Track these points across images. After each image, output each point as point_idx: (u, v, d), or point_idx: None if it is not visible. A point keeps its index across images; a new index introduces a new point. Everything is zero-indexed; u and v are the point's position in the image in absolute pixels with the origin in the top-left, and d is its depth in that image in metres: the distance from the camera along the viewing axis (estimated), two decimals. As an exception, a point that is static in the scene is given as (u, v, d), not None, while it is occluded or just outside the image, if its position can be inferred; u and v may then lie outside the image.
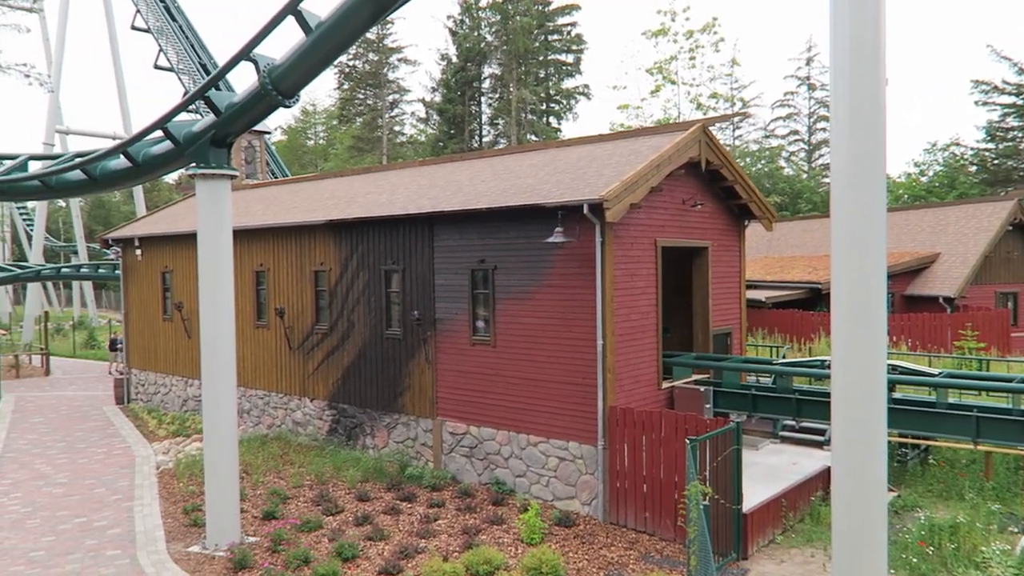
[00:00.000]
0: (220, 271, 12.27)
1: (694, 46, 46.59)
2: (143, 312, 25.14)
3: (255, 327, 20.35)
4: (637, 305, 13.89)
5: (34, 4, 44.24)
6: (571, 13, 57.96)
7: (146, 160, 12.91)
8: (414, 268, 16.24)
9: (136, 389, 25.76)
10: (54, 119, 46.69)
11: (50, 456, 18.68)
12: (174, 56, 40.92)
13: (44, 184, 14.45)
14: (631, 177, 12.90)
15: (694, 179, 15.61)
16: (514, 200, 14.01)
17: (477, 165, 18.39)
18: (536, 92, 56.22)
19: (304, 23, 10.29)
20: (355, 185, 20.92)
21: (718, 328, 16.77)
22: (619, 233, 13.41)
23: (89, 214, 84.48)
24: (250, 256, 20.20)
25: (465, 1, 57.35)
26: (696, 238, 15.87)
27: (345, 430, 18.01)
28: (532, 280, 14.07)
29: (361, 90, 66.05)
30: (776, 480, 13.17)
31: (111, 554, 12.02)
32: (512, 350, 14.47)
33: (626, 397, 13.50)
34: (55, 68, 47.54)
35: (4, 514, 14.17)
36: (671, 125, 15.90)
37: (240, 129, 12.06)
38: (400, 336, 16.60)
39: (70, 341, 45.00)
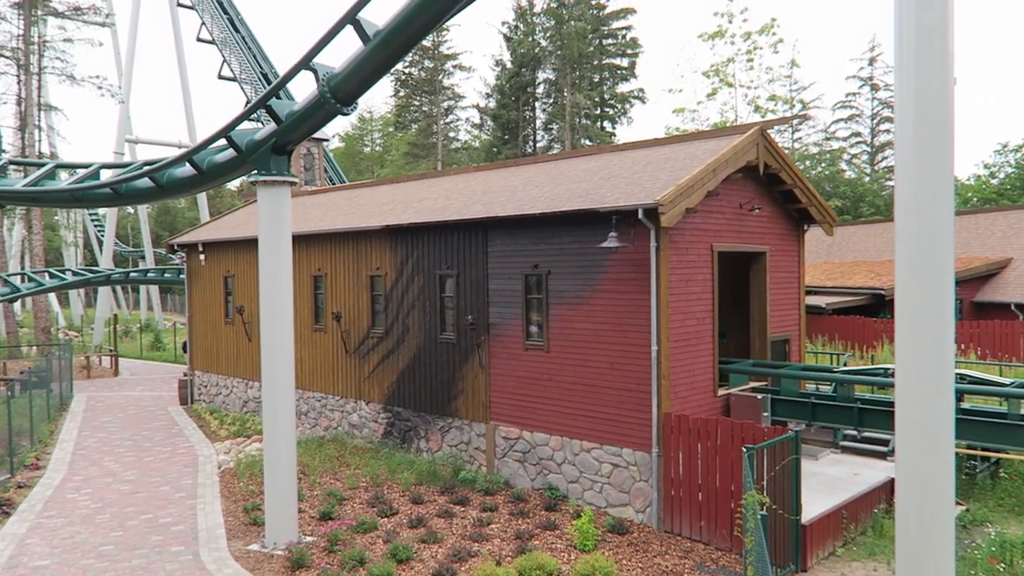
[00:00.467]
0: (280, 275, 12.55)
1: (752, 48, 45.87)
2: (206, 315, 25.89)
3: (313, 330, 20.76)
4: (693, 311, 13.72)
5: (106, 19, 46.05)
6: (626, 17, 57.66)
7: (210, 168, 13.31)
8: (468, 273, 16.35)
9: (199, 390, 26.51)
10: (124, 129, 48.51)
11: (118, 454, 19.36)
12: (237, 66, 42.11)
13: (115, 192, 15.01)
14: (687, 181, 12.76)
15: (752, 183, 15.36)
16: (568, 205, 13.99)
17: (531, 170, 18.43)
18: (590, 96, 56.06)
19: (362, 32, 10.47)
20: (410, 191, 21.18)
21: (776, 335, 16.44)
22: (674, 238, 13.27)
23: (156, 220, 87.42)
24: (308, 261, 20.63)
25: (520, 7, 57.58)
26: (754, 243, 15.59)
27: (400, 433, 18.22)
28: (586, 285, 14.02)
29: (417, 97, 66.86)
30: (837, 491, 12.83)
31: (175, 550, 12.39)
32: (565, 355, 14.44)
33: (681, 404, 13.34)
34: (125, 80, 49.41)
35: (76, 509, 14.74)
36: (728, 128, 15.66)
37: (300, 137, 12.34)
38: (454, 340, 16.72)
39: (137, 343, 46.61)
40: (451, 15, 10.19)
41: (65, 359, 28.79)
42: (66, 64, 41.98)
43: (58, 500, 15.38)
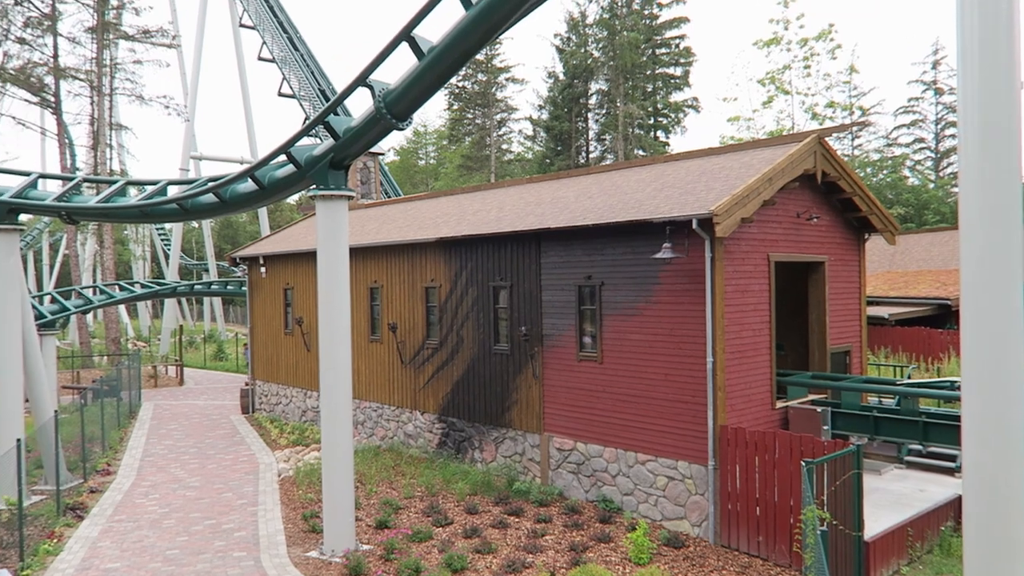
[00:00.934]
0: (338, 287, 12.82)
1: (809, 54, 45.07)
2: (267, 326, 26.55)
3: (369, 341, 21.10)
4: (749, 322, 13.52)
5: (173, 40, 47.85)
6: (679, 26, 57.31)
7: (271, 183, 13.69)
8: (521, 284, 16.43)
9: (260, 399, 27.17)
10: (189, 146, 50.21)
11: (183, 461, 19.97)
12: (296, 84, 43.23)
13: (181, 207, 15.55)
14: (742, 191, 12.62)
15: (809, 192, 15.09)
16: (621, 216, 13.96)
17: (584, 181, 18.45)
18: (643, 106, 55.80)
19: (417, 48, 10.68)
20: (464, 203, 21.41)
21: (836, 346, 16.08)
22: (730, 248, 13.12)
23: (219, 234, 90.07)
24: (365, 273, 21.00)
25: (572, 18, 57.75)
26: (812, 252, 15.31)
27: (454, 443, 18.36)
28: (640, 296, 13.95)
29: (470, 110, 67.53)
30: (901, 507, 12.46)
31: (237, 555, 12.71)
32: (619, 366, 14.37)
33: (737, 416, 13.14)
34: (190, 99, 51.17)
35: (144, 514, 15.25)
36: (785, 137, 15.44)
37: (357, 152, 12.62)
38: (507, 351, 16.80)
39: (201, 353, 48.00)
40: (503, 30, 10.33)
41: (134, 369, 29.86)
42: (135, 85, 43.76)
43: (128, 505, 15.93)
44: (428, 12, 10.38)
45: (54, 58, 39.94)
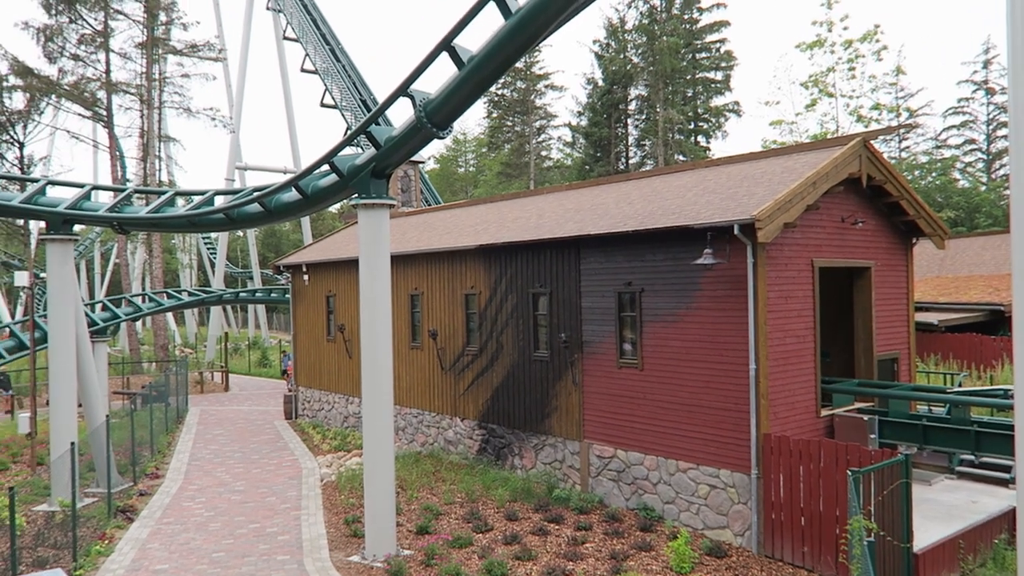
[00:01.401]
0: (379, 295, 12.97)
1: (853, 56, 44.29)
2: (309, 333, 26.94)
3: (410, 348, 21.27)
4: (792, 328, 13.32)
5: (219, 54, 48.97)
6: (720, 30, 56.80)
7: (314, 192, 13.92)
8: (561, 291, 16.43)
9: (303, 405, 27.56)
10: (234, 156, 51.28)
11: (229, 465, 20.35)
12: (338, 94, 43.88)
13: (227, 217, 15.91)
14: (785, 195, 12.45)
15: (854, 196, 14.83)
16: (661, 222, 13.88)
17: (624, 187, 18.39)
18: (683, 111, 55.38)
19: (457, 58, 10.78)
20: (504, 210, 21.49)
21: (883, 353, 15.74)
22: (772, 254, 12.96)
23: (263, 242, 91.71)
24: (405, 280, 21.19)
25: (611, 24, 57.64)
26: (857, 257, 15.03)
27: (494, 450, 18.40)
28: (680, 303, 13.85)
29: (509, 118, 67.76)
30: (952, 519, 12.13)
31: (281, 559, 12.90)
32: (660, 373, 14.27)
33: (781, 424, 12.94)
34: (236, 111, 52.28)
35: (191, 517, 15.57)
36: (828, 140, 15.21)
37: (398, 161, 12.77)
38: (547, 358, 16.79)
39: (246, 360, 48.88)
40: (543, 38, 10.37)
41: (181, 375, 30.54)
42: (183, 98, 44.85)
43: (175, 508, 16.29)
44: (468, 22, 10.48)
45: (106, 73, 41.16)
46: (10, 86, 33.29)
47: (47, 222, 17.18)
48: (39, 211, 17.02)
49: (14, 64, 35.13)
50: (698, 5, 56.06)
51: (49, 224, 17.14)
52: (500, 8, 10.14)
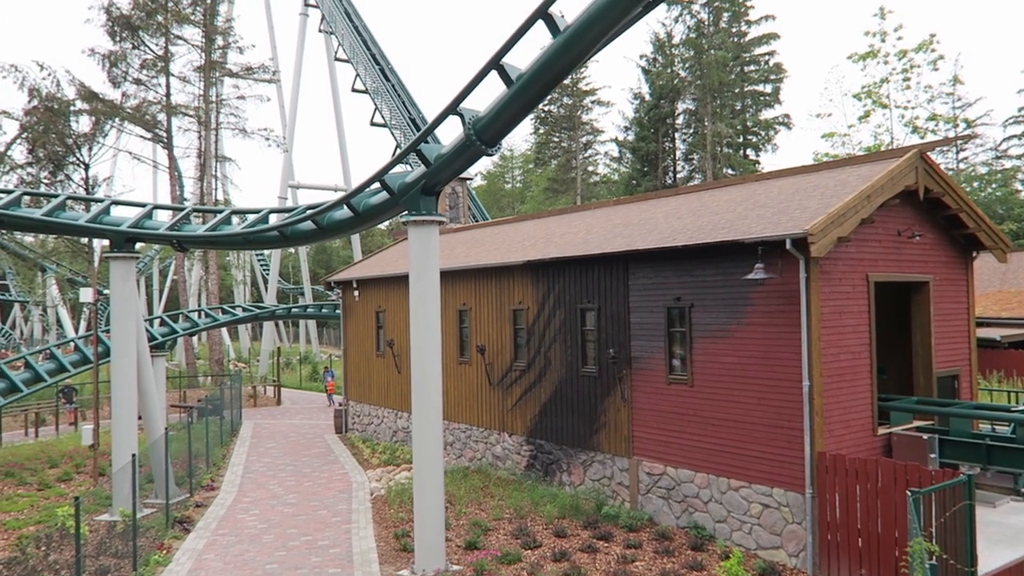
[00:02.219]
0: (429, 310, 13.11)
1: (908, 66, 43.34)
2: (359, 348, 27.31)
3: (458, 363, 21.40)
4: (847, 344, 13.04)
5: (273, 76, 50.28)
6: (769, 43, 56.20)
7: (366, 210, 14.18)
8: (609, 306, 16.37)
9: (352, 420, 27.90)
10: (287, 175, 52.47)
11: (281, 478, 20.70)
12: (388, 113, 44.63)
13: (281, 234, 16.29)
14: (838, 209, 12.25)
15: (911, 208, 14.50)
16: (711, 237, 13.77)
17: (672, 202, 18.29)
18: (732, 125, 54.84)
19: (506, 76, 10.91)
20: (551, 226, 21.55)
21: (942, 370, 15.28)
22: (826, 268, 12.73)
23: (313, 259, 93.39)
24: (454, 295, 21.36)
25: (658, 39, 57.50)
26: (915, 272, 14.66)
27: (542, 466, 18.35)
28: (731, 318, 13.68)
29: (556, 134, 67.98)
30: (1019, 542, 11.68)
31: (332, 572, 13.06)
32: (710, 390, 14.10)
33: (836, 442, 12.65)
34: (289, 130, 53.54)
35: (245, 528, 15.88)
36: (883, 152, 14.92)
37: (448, 178, 12.94)
38: (595, 374, 16.73)
39: (297, 374, 49.70)
40: (591, 55, 10.44)
41: (235, 389, 31.20)
42: (239, 119, 46.07)
43: (230, 519, 16.63)
44: (517, 40, 10.60)
45: (166, 96, 42.61)
46: (77, 110, 34.66)
47: (111, 240, 17.81)
48: (104, 230, 17.67)
49: (81, 89, 36.58)
50: (746, 18, 55.63)
51: (113, 242, 17.77)
52: (548, 26, 10.24)
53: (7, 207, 17.37)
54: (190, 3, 42.94)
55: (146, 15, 41.04)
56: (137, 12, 40.81)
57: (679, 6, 54.59)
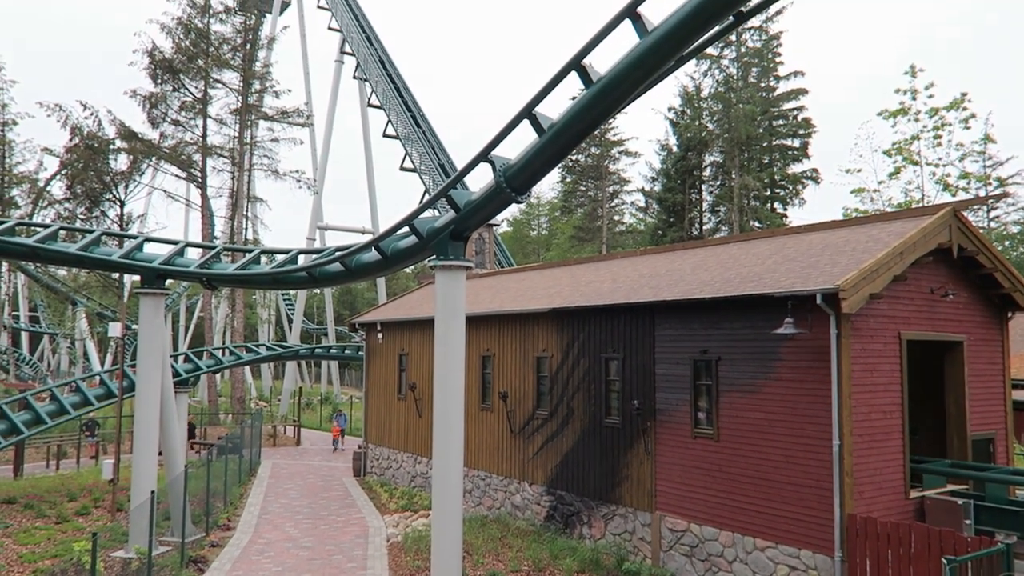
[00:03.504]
0: (454, 355, 13.05)
1: (939, 124, 43.24)
2: (381, 391, 27.23)
3: (480, 409, 21.24)
4: (878, 403, 12.75)
5: (307, 120, 51.38)
6: (797, 98, 56.46)
7: (394, 253, 14.25)
8: (634, 357, 16.21)
9: (371, 463, 27.69)
10: (316, 217, 53.21)
11: (297, 520, 20.49)
12: (417, 158, 45.31)
13: (310, 275, 16.41)
14: (870, 265, 12.10)
15: (944, 267, 14.29)
16: (739, 289, 13.65)
17: (700, 254, 18.21)
18: (759, 178, 54.84)
19: (538, 125, 11.02)
20: (577, 274, 21.52)
21: (977, 433, 14.86)
22: (857, 325, 12.53)
23: (338, 300, 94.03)
24: (478, 341, 21.30)
25: (686, 92, 58.05)
26: (948, 331, 14.38)
27: (562, 517, 18.01)
28: (759, 373, 13.46)
29: (583, 182, 68.44)
30: (1061, 618, 11.16)
31: (346, 619, 12.81)
32: (737, 445, 13.81)
33: (867, 505, 12.28)
34: (319, 173, 54.47)
35: (260, 571, 15.67)
36: (915, 210, 14.80)
37: (476, 224, 12.99)
38: (619, 425, 16.49)
39: (317, 415, 49.63)
40: (622, 107, 10.52)
41: (256, 427, 31.19)
42: (271, 161, 46.98)
43: (244, 561, 16.43)
44: (549, 91, 10.72)
45: (203, 137, 43.64)
46: (116, 148, 35.58)
47: (142, 276, 18.06)
48: (136, 266, 17.92)
49: (121, 128, 37.61)
50: (775, 74, 56.05)
51: (144, 278, 18.01)
52: (581, 77, 10.36)
53: (43, 241, 17.72)
54: (230, 49, 44.24)
55: (187, 59, 42.32)
56: (179, 56, 42.10)
57: (708, 60, 55.22)
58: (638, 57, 9.59)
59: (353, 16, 53.33)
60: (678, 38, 9.20)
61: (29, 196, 49.59)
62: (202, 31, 42.83)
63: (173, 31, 42.11)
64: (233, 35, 44.58)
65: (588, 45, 10.03)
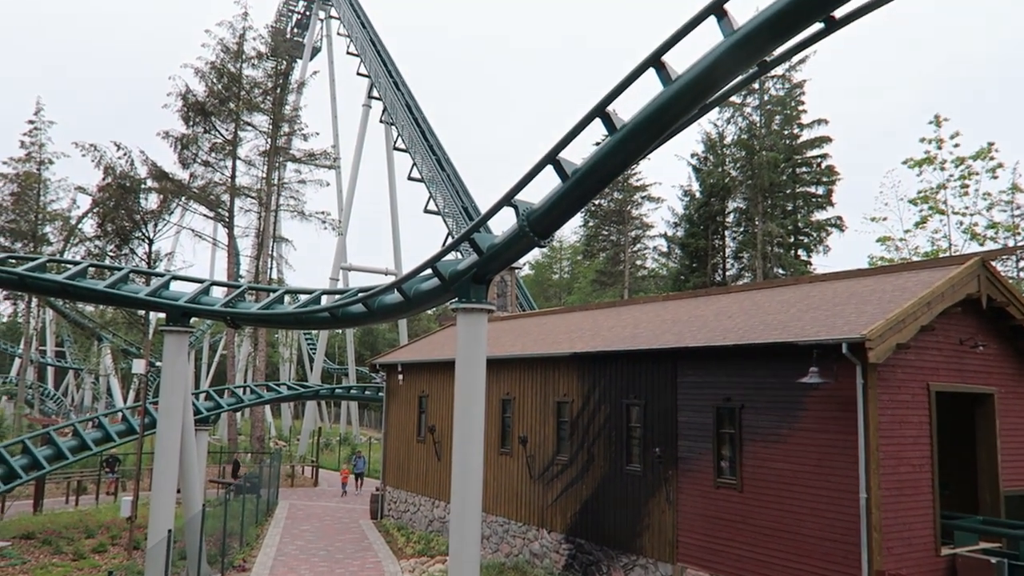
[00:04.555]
0: (474, 399, 12.97)
1: (966, 173, 42.99)
2: (400, 433, 27.10)
3: (499, 453, 21.03)
4: (907, 456, 12.46)
5: (334, 162, 52.24)
6: (821, 146, 56.55)
7: (416, 295, 14.30)
8: (656, 403, 16.03)
9: (389, 505, 27.42)
10: (340, 258, 53.71)
11: (313, 563, 20.27)
12: (441, 201, 45.77)
13: (332, 315, 16.49)
14: (897, 314, 11.94)
15: (973, 317, 14.06)
16: (763, 337, 13.51)
17: (723, 300, 18.09)
18: (783, 225, 54.67)
19: (561, 170, 11.10)
20: (599, 319, 21.44)
21: (1011, 489, 14.43)
22: (884, 375, 12.32)
23: (360, 340, 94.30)
24: (498, 384, 21.19)
25: (709, 139, 58.37)
26: (978, 383, 14.08)
27: (581, 566, 17.65)
28: (783, 422, 13.24)
29: (606, 227, 68.64)
30: None
31: (359, 667, 12.56)
32: (761, 496, 13.52)
33: (896, 561, 11.92)
34: (345, 214, 55.14)
35: (273, 614, 15.48)
36: (943, 259, 14.65)
37: (499, 267, 13.03)
38: (640, 472, 16.24)
39: (336, 455, 49.41)
40: (646, 153, 10.58)
41: (274, 467, 31.08)
42: (298, 202, 47.65)
43: (259, 604, 16.24)
44: (573, 137, 10.82)
45: (231, 178, 44.45)
46: (147, 188, 36.34)
47: (168, 314, 18.25)
48: (162, 304, 18.12)
49: (152, 168, 38.46)
50: (798, 121, 56.26)
51: (169, 316, 18.19)
52: (605, 124, 10.45)
53: (73, 278, 18.01)
54: (261, 93, 45.28)
55: (219, 102, 43.35)
56: (211, 99, 43.14)
57: (731, 108, 55.61)
58: (661, 105, 9.67)
59: (381, 62, 54.48)
60: (701, 87, 9.28)
61: (61, 233, 50.68)
62: (234, 75, 43.94)
63: (207, 75, 43.25)
64: (264, 79, 45.67)
65: (612, 93, 10.14)
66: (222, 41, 44.12)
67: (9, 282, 18.23)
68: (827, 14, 8.71)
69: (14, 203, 48.83)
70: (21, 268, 17.57)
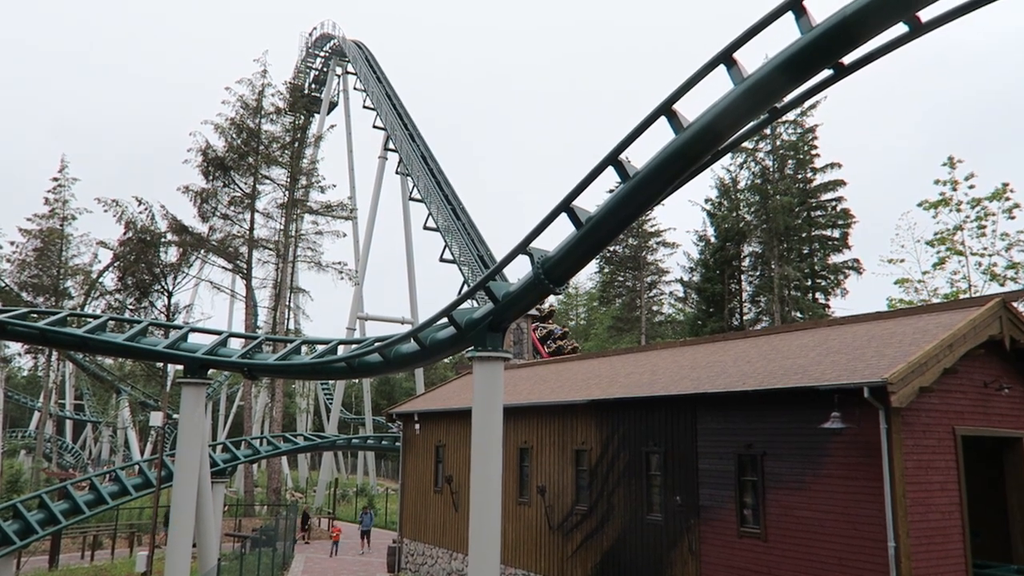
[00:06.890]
0: (491, 448, 12.87)
1: (982, 214, 42.80)
2: (417, 483, 26.81)
3: (517, 503, 20.73)
4: (935, 502, 12.16)
5: (350, 214, 52.89)
6: (835, 189, 56.61)
7: (432, 344, 14.32)
8: (676, 451, 15.79)
9: (406, 558, 26.99)
10: (357, 307, 53.95)
11: (330, 619, 19.89)
12: (457, 250, 46.06)
13: (349, 365, 16.53)
14: (919, 357, 11.78)
15: (997, 359, 13.83)
16: (783, 382, 13.34)
17: (741, 345, 17.94)
18: (799, 268, 54.47)
19: (575, 218, 11.18)
20: (616, 365, 21.29)
21: (1045, 536, 14.00)
22: (908, 420, 12.09)
23: (376, 390, 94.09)
24: (515, 433, 20.99)
25: (723, 184, 58.63)
26: (1006, 427, 13.78)
27: (603, 621, 17.21)
28: (807, 469, 12.99)
29: (621, 273, 68.70)
30: None
31: None
32: (786, 546, 13.19)
33: (930, 614, 11.53)
34: (361, 264, 55.57)
35: (289, 672, 15.15)
36: (963, 301, 14.50)
37: (515, 315, 13.05)
38: (661, 522, 15.92)
39: (352, 507, 48.90)
40: (659, 200, 10.65)
41: (291, 519, 30.76)
42: (315, 253, 48.21)
43: (274, 661, 15.91)
44: (587, 185, 10.93)
45: (250, 231, 45.10)
46: (167, 241, 36.94)
47: (186, 366, 18.34)
48: (181, 356, 18.24)
49: (172, 222, 39.13)
50: (812, 166, 56.46)
51: (187, 368, 18.29)
52: (618, 172, 10.56)
53: (93, 331, 18.19)
54: (279, 147, 46.18)
55: (238, 157, 44.24)
56: (231, 154, 44.05)
57: (744, 153, 55.94)
58: (673, 152, 9.77)
59: (397, 115, 55.49)
60: (712, 134, 9.38)
61: (82, 287, 51.41)
62: (253, 131, 44.92)
63: (226, 131, 44.24)
64: (282, 134, 46.64)
65: (625, 141, 10.26)
66: (242, 98, 45.26)
67: (31, 337, 18.45)
68: (835, 61, 8.81)
69: (37, 258, 49.69)
70: (42, 323, 17.79)
